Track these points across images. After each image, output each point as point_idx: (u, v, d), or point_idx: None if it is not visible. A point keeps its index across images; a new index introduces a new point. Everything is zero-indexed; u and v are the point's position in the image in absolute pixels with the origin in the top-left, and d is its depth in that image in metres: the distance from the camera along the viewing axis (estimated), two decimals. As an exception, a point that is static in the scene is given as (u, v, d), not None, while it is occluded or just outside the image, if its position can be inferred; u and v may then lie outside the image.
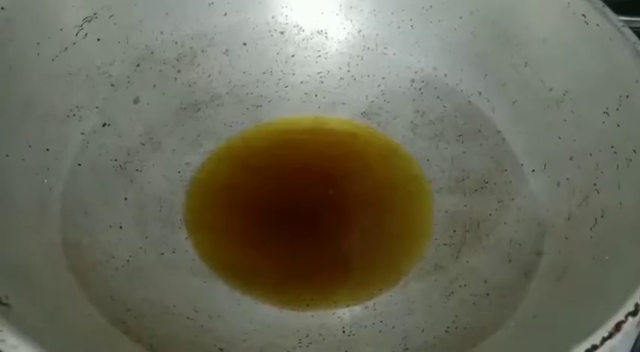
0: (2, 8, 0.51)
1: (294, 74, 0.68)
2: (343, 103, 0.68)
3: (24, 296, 0.39)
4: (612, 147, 0.50)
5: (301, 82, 0.69)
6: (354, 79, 0.68)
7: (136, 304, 0.48)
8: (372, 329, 0.50)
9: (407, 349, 0.47)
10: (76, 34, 0.57)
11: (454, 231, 0.57)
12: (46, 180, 0.52)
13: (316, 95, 0.68)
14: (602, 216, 0.48)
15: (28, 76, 0.53)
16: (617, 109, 0.51)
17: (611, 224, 0.47)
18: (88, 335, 0.43)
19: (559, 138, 0.55)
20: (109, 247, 0.52)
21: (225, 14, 0.66)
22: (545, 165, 0.55)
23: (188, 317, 0.49)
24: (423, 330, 0.49)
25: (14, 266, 0.42)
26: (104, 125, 0.58)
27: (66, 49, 0.56)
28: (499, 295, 0.49)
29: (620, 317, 0.35)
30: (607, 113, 0.51)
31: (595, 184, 0.50)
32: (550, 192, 0.53)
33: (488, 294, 0.50)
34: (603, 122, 0.51)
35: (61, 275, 0.46)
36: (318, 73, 0.69)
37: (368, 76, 0.68)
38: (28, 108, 0.52)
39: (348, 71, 0.68)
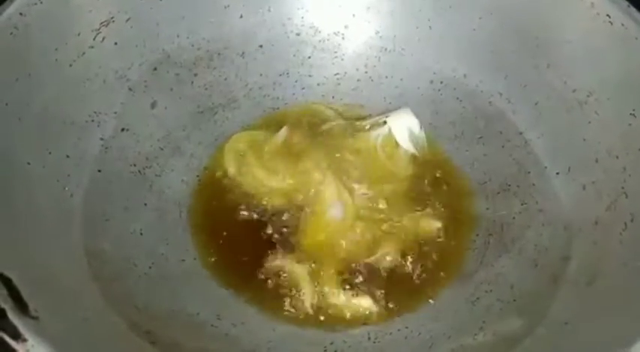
0: (20, 14, 0.50)
1: (310, 76, 0.68)
2: (361, 105, 0.67)
3: (52, 308, 0.39)
4: (640, 149, 0.49)
5: (318, 84, 0.68)
6: (372, 80, 0.67)
7: (160, 313, 0.48)
8: (397, 335, 0.50)
9: (435, 356, 0.47)
10: (94, 39, 0.56)
11: (477, 234, 0.56)
12: (67, 187, 0.51)
13: (333, 97, 0.67)
14: (632, 220, 0.47)
15: (47, 82, 0.52)
16: (645, 111, 0.50)
17: (642, 228, 0.46)
18: (115, 346, 0.42)
19: (584, 140, 0.54)
20: (131, 255, 0.51)
21: (241, 16, 0.65)
22: (569, 167, 0.55)
23: (212, 325, 0.49)
24: (449, 337, 0.48)
25: (41, 277, 0.41)
26: (122, 130, 0.58)
27: (83, 53, 0.55)
28: (527, 301, 0.49)
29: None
30: (634, 114, 0.51)
31: (623, 188, 0.49)
32: (576, 196, 0.53)
33: (515, 300, 0.49)
34: (630, 124, 0.51)
35: (86, 285, 0.45)
36: (335, 74, 0.68)
37: (386, 77, 0.67)
38: (48, 114, 0.52)
39: (366, 73, 0.67)
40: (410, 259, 0.54)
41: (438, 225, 0.56)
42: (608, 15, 0.53)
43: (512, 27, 0.60)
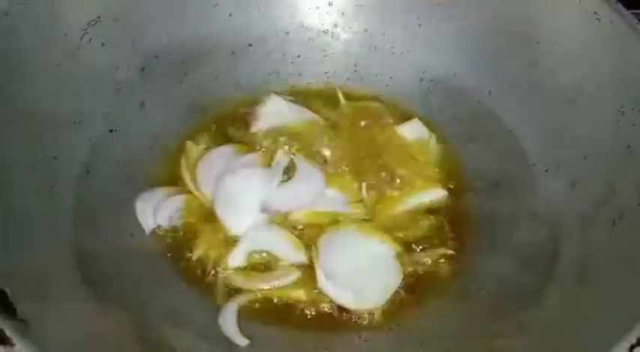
0: (6, 14, 0.50)
1: (300, 75, 0.67)
2: (350, 103, 0.67)
3: (41, 311, 0.39)
4: (628, 146, 0.49)
5: (308, 83, 0.68)
6: (362, 78, 0.67)
7: (152, 315, 0.47)
8: (389, 333, 0.50)
9: (425, 352, 0.47)
10: (81, 39, 0.56)
11: (468, 232, 0.56)
12: (55, 189, 0.51)
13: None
14: (620, 218, 0.47)
15: (34, 83, 0.52)
16: (633, 108, 0.50)
17: (629, 226, 0.47)
18: (106, 349, 0.42)
19: (572, 137, 0.54)
20: (121, 256, 0.51)
21: (230, 15, 0.65)
22: (558, 165, 0.55)
23: (204, 326, 0.49)
24: (440, 335, 0.49)
25: (31, 280, 0.41)
26: (111, 131, 0.57)
27: (70, 54, 0.55)
28: (517, 298, 0.49)
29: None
30: (622, 112, 0.51)
31: (611, 185, 0.50)
32: (565, 193, 0.53)
33: (505, 298, 0.50)
34: (618, 121, 0.51)
35: (77, 287, 0.45)
36: (325, 73, 0.68)
37: (375, 75, 0.67)
38: (35, 115, 0.51)
39: (355, 71, 0.67)
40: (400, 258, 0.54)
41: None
42: (595, 12, 0.53)
43: (501, 24, 0.60)
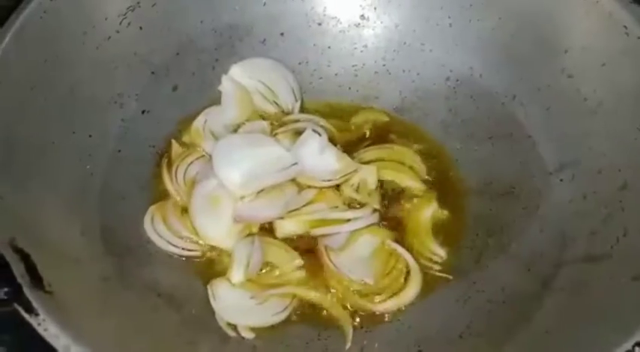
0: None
1: (329, 66, 0.69)
2: (376, 97, 0.68)
3: (65, 282, 0.42)
4: (642, 165, 0.50)
5: (336, 74, 0.69)
6: (389, 73, 0.68)
7: (167, 290, 0.51)
8: (388, 327, 0.52)
9: (420, 350, 0.49)
10: (120, 23, 0.59)
11: (477, 234, 0.58)
12: (88, 166, 0.54)
13: (349, 88, 0.69)
14: (624, 235, 0.48)
15: (74, 64, 0.55)
16: (651, 127, 0.50)
17: (632, 244, 0.47)
18: (125, 323, 0.45)
19: (590, 149, 0.55)
20: (144, 233, 0.55)
21: (265, 4, 0.66)
22: (573, 175, 0.55)
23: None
24: (437, 333, 0.51)
25: (57, 253, 0.45)
26: (143, 112, 0.61)
27: (109, 37, 0.58)
28: (515, 304, 0.50)
29: (628, 346, 0.36)
30: (639, 129, 0.51)
31: (621, 201, 0.50)
32: (576, 204, 0.53)
33: (504, 302, 0.51)
34: (635, 138, 0.51)
35: (100, 260, 0.49)
36: (353, 65, 0.69)
37: (403, 71, 0.68)
38: (73, 95, 0.55)
39: (383, 65, 0.68)
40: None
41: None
42: (625, 26, 0.53)
43: (532, 30, 0.60)
